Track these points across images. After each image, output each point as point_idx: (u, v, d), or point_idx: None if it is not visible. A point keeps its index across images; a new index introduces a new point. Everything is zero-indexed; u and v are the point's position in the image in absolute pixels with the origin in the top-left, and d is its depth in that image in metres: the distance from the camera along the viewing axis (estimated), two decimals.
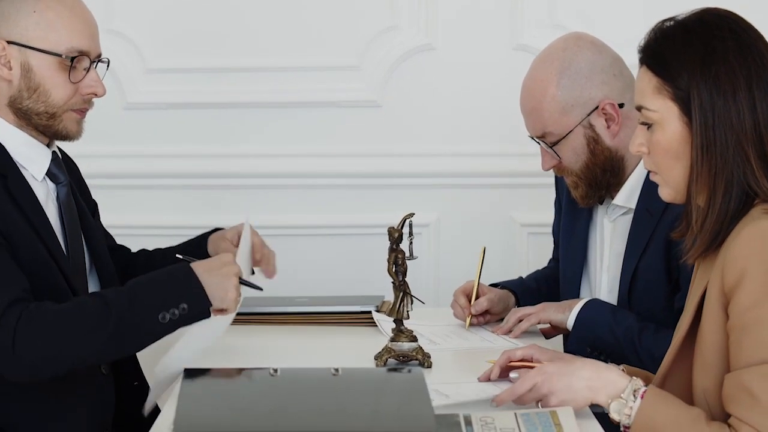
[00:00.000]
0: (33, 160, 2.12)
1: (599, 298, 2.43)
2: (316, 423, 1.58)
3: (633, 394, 1.74)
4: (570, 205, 2.53)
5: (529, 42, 3.20)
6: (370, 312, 2.55)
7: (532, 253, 3.27)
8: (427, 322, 2.46)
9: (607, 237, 2.45)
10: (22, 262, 1.99)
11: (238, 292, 1.97)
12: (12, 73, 2.08)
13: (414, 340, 2.15)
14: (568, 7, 3.23)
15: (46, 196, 2.13)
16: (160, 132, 3.34)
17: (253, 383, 1.73)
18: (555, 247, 2.71)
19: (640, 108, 1.78)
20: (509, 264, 3.24)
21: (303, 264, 3.26)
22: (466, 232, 3.30)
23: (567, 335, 2.42)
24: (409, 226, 2.15)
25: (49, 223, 2.08)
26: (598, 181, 2.39)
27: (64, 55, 2.08)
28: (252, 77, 3.31)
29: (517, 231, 3.33)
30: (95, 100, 2.18)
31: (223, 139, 3.34)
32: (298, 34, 3.29)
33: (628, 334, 2.28)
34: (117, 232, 2.51)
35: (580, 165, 2.38)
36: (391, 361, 2.14)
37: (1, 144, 2.08)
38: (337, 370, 1.71)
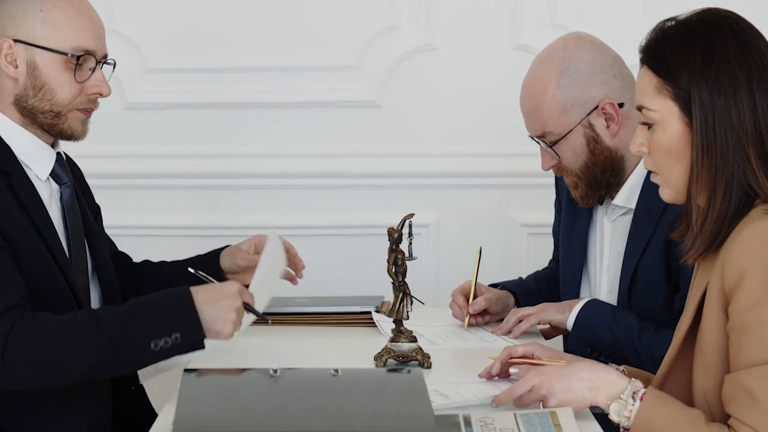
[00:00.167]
0: (37, 160, 2.12)
1: (599, 298, 2.43)
2: (316, 423, 1.58)
3: (632, 396, 1.73)
4: (570, 205, 2.52)
5: (529, 42, 3.20)
6: (370, 312, 2.55)
7: (532, 254, 3.27)
8: (426, 323, 2.46)
9: (607, 237, 2.44)
10: (23, 262, 1.98)
11: (237, 326, 1.92)
12: (18, 71, 2.08)
13: (414, 340, 2.15)
14: (568, 7, 3.23)
15: (49, 197, 2.12)
16: (159, 132, 3.34)
17: (253, 383, 1.72)
18: (555, 248, 2.71)
19: (641, 108, 1.78)
20: (509, 264, 3.24)
21: None
22: (466, 233, 3.29)
23: (567, 336, 2.42)
24: (409, 226, 2.15)
25: (51, 223, 2.08)
26: (598, 181, 2.38)
27: (70, 54, 2.08)
28: (252, 77, 3.31)
29: (517, 231, 3.33)
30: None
31: (222, 139, 3.34)
32: (298, 34, 3.29)
33: (628, 335, 2.28)
34: (116, 232, 2.50)
35: (579, 165, 2.38)
36: (390, 361, 2.13)
37: (6, 143, 2.08)
38: (336, 370, 1.71)
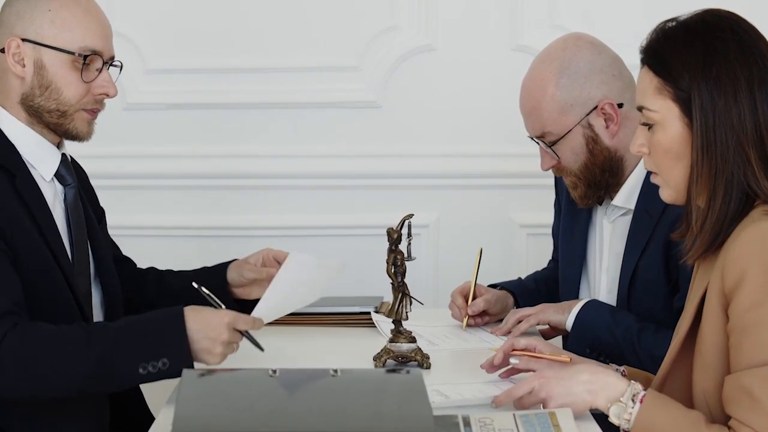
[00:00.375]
0: (42, 160, 2.12)
1: (598, 298, 2.43)
2: (315, 424, 1.58)
3: (632, 398, 1.73)
4: (569, 206, 2.52)
5: (528, 42, 3.20)
6: (369, 313, 2.55)
7: (531, 254, 3.27)
8: (426, 323, 2.46)
9: (607, 238, 2.44)
10: (24, 262, 1.98)
11: (223, 357, 1.93)
12: (25, 70, 2.09)
13: (413, 341, 2.15)
14: (568, 7, 3.23)
15: (53, 198, 2.12)
16: (159, 132, 3.34)
17: (252, 384, 1.72)
18: (554, 248, 2.71)
19: (641, 108, 1.78)
20: (508, 265, 3.24)
21: None
22: (465, 233, 3.29)
23: (566, 336, 2.42)
24: (408, 226, 2.15)
25: (55, 224, 2.08)
26: (597, 181, 2.38)
27: (77, 54, 2.09)
28: (251, 78, 3.31)
29: (516, 232, 3.33)
30: None
31: (222, 139, 3.34)
32: (299, 35, 3.29)
33: (627, 335, 2.28)
34: (116, 233, 2.49)
35: (579, 165, 2.38)
36: (390, 362, 2.13)
37: (11, 143, 2.09)
38: (336, 371, 1.70)
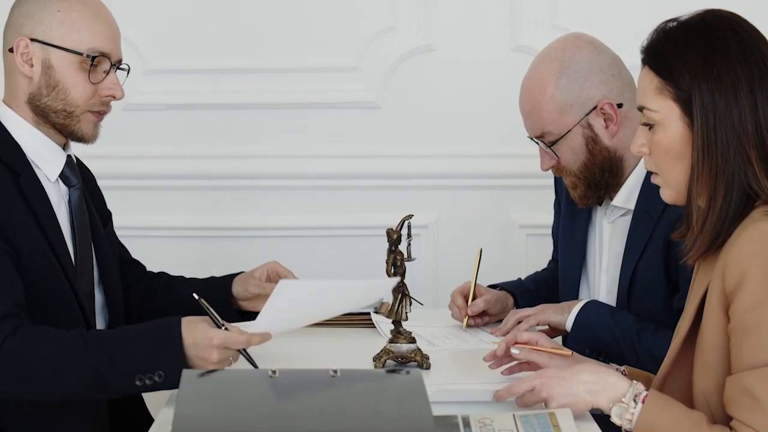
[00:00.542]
0: (48, 160, 2.12)
1: (598, 299, 2.43)
2: (315, 424, 1.58)
3: (634, 398, 1.73)
4: (569, 206, 2.52)
5: (528, 42, 3.20)
6: (369, 313, 2.54)
7: (531, 255, 3.27)
8: (425, 324, 2.45)
9: (606, 238, 2.44)
10: (26, 262, 1.98)
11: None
12: (33, 70, 2.10)
13: (413, 341, 2.15)
14: (568, 7, 3.23)
15: (58, 199, 2.13)
16: (159, 133, 3.34)
17: (252, 384, 1.72)
18: (554, 249, 2.71)
19: (642, 108, 1.78)
20: (508, 265, 3.23)
21: (301, 265, 3.23)
22: (465, 234, 3.29)
23: (566, 337, 2.42)
24: (408, 227, 2.15)
25: (58, 225, 2.08)
26: (597, 181, 2.38)
27: (85, 55, 2.10)
28: (251, 78, 3.31)
29: (516, 232, 3.33)
30: None
31: (222, 140, 3.33)
32: (298, 35, 3.29)
33: (627, 335, 2.27)
34: (116, 233, 2.50)
35: (578, 165, 2.38)
36: (389, 362, 2.13)
37: (17, 142, 2.10)
38: (335, 371, 1.70)
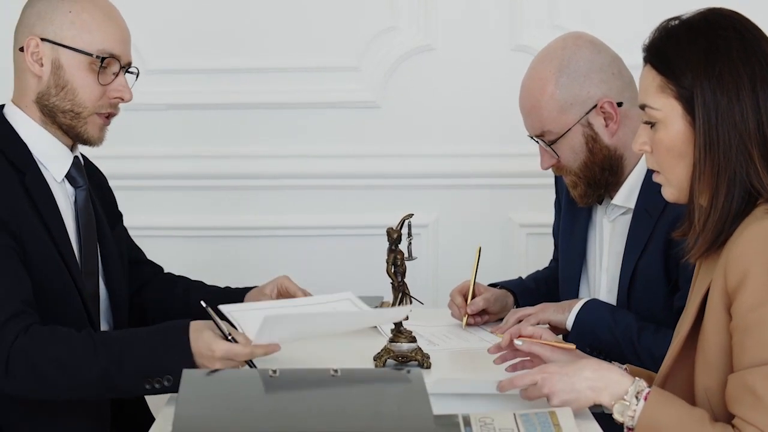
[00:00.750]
0: (54, 160, 2.13)
1: (598, 298, 2.43)
2: (315, 424, 1.57)
3: (636, 395, 1.73)
4: (569, 205, 2.52)
5: (528, 42, 3.20)
6: None
7: (531, 254, 3.27)
8: (426, 323, 2.45)
9: (607, 237, 2.44)
10: (31, 261, 1.99)
11: None
12: (43, 69, 2.11)
13: (413, 340, 2.15)
14: (568, 7, 3.23)
15: (64, 199, 2.13)
16: (159, 133, 3.34)
17: (252, 384, 1.71)
18: (555, 248, 2.71)
19: (644, 106, 1.78)
20: (508, 265, 3.24)
21: (301, 264, 3.25)
22: (465, 233, 3.29)
23: (566, 336, 2.42)
24: (408, 226, 2.15)
25: (63, 224, 2.08)
26: (597, 180, 2.38)
27: (95, 56, 2.11)
28: (251, 78, 3.31)
29: (516, 231, 3.33)
30: None
31: (222, 140, 3.33)
32: (298, 35, 3.29)
33: (627, 334, 2.27)
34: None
35: (578, 164, 2.38)
36: (390, 361, 2.13)
37: (24, 141, 2.10)
38: (336, 370, 1.70)
